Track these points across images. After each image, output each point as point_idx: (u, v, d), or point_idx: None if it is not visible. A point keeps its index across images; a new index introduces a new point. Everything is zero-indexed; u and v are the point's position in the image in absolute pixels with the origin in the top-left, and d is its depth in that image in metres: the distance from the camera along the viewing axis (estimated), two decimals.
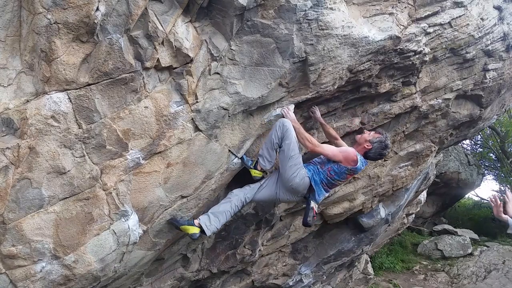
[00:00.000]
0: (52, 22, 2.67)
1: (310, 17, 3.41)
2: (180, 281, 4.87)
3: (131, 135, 3.19)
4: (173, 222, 3.72)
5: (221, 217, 3.89)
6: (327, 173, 3.89)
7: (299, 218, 5.92)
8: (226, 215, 3.91)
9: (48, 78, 2.79)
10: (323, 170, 3.90)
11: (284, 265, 6.37)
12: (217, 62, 3.43)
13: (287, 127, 3.69)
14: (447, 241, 12.15)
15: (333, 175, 3.88)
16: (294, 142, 3.72)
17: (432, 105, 5.42)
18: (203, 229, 3.78)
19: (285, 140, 3.70)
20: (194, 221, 3.77)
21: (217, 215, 3.87)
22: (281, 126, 3.70)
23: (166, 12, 3.10)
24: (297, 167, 3.77)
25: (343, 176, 3.92)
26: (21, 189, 2.85)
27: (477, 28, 4.90)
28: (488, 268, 10.59)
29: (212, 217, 3.85)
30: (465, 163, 14.37)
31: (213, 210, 3.90)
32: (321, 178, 3.89)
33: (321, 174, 3.89)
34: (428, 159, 6.49)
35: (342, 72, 3.86)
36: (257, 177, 3.97)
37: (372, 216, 6.84)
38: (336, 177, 3.90)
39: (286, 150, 3.72)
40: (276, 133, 3.71)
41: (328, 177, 3.89)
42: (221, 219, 3.89)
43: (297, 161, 3.77)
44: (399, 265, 11.40)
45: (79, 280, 3.23)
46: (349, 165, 3.84)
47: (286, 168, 3.77)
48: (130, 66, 2.99)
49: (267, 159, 3.85)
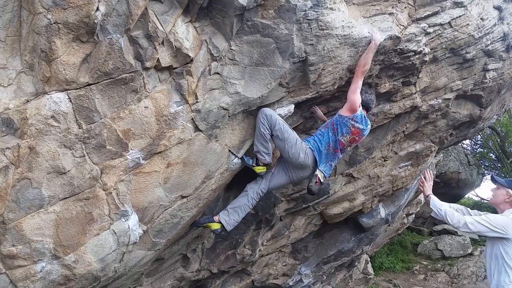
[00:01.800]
0: (52, 22, 2.67)
1: (310, 17, 3.41)
2: (180, 281, 4.87)
3: (131, 135, 3.19)
4: (196, 225, 4.02)
5: (240, 211, 4.05)
6: (331, 129, 3.94)
7: (299, 218, 5.93)
8: (245, 208, 4.07)
9: (48, 78, 2.79)
10: (326, 130, 3.97)
11: (284, 265, 6.37)
12: (217, 62, 3.43)
13: (269, 114, 3.73)
14: (447, 241, 12.14)
15: (336, 128, 3.92)
16: (283, 124, 3.79)
17: (432, 105, 5.42)
18: (224, 225, 3.98)
19: (274, 127, 3.75)
20: (213, 218, 4.00)
21: (236, 209, 4.04)
22: (264, 116, 3.73)
23: (166, 12, 3.10)
24: (296, 145, 3.85)
25: (347, 128, 3.90)
26: (21, 189, 2.85)
27: (477, 28, 4.90)
28: None
29: (231, 212, 4.02)
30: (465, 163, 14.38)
31: (231, 206, 4.07)
32: (326, 141, 3.96)
33: (325, 137, 3.97)
34: (428, 159, 6.50)
35: (342, 72, 3.86)
36: (262, 173, 4.07)
37: (372, 216, 6.84)
38: (340, 129, 3.91)
39: (280, 135, 3.79)
40: (262, 125, 3.74)
41: (333, 134, 3.93)
42: (240, 213, 4.05)
43: (293, 140, 3.85)
44: (399, 265, 11.39)
45: (79, 280, 3.23)
46: (349, 113, 3.88)
47: (287, 150, 3.86)
48: (130, 66, 2.99)
49: (264, 152, 3.90)
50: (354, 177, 5.80)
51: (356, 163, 5.65)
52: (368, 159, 5.71)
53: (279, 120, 3.77)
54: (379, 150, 5.72)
